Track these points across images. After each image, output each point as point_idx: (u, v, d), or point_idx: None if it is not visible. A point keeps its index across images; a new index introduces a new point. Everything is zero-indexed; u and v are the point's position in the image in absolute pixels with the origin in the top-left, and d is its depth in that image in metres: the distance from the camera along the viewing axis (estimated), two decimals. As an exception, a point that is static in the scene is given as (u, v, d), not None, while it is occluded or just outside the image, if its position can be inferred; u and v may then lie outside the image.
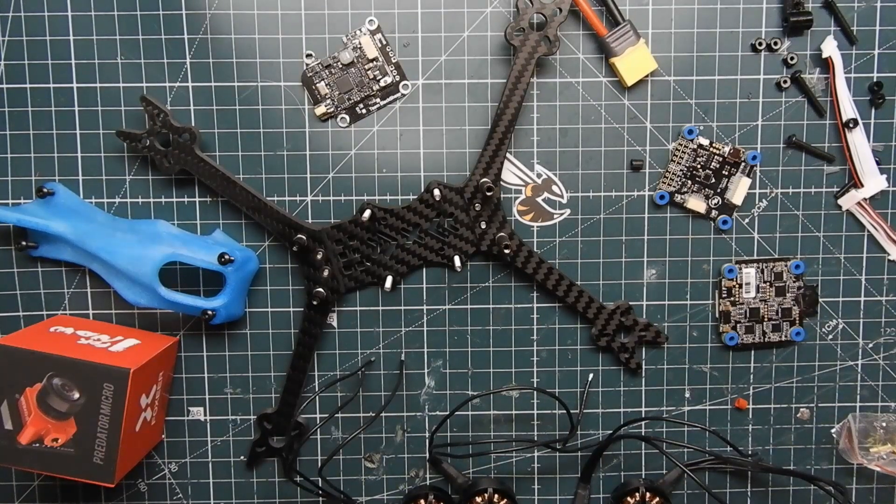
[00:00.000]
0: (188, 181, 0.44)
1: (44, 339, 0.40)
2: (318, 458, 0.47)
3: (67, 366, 0.39)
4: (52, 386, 0.39)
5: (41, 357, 0.39)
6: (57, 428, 0.39)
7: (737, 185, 0.45)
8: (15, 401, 0.39)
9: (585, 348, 0.46)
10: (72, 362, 0.39)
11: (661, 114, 0.44)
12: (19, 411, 0.39)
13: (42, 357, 0.38)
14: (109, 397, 0.39)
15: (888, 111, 0.44)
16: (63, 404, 0.39)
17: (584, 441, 0.47)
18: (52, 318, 0.44)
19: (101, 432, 0.39)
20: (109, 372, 0.39)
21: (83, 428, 0.39)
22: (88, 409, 0.39)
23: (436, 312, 0.46)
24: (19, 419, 0.39)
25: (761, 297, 0.45)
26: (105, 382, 0.39)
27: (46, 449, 0.39)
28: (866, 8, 0.44)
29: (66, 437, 0.39)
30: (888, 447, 0.46)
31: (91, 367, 0.39)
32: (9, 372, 0.38)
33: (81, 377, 0.39)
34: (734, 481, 0.47)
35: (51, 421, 0.39)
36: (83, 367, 0.39)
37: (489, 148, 0.43)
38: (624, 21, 0.43)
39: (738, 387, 0.47)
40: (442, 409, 0.46)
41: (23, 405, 0.39)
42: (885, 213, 0.45)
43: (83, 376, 0.39)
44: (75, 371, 0.39)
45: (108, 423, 0.39)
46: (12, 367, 0.38)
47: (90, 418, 0.39)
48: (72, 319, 0.44)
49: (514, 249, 0.44)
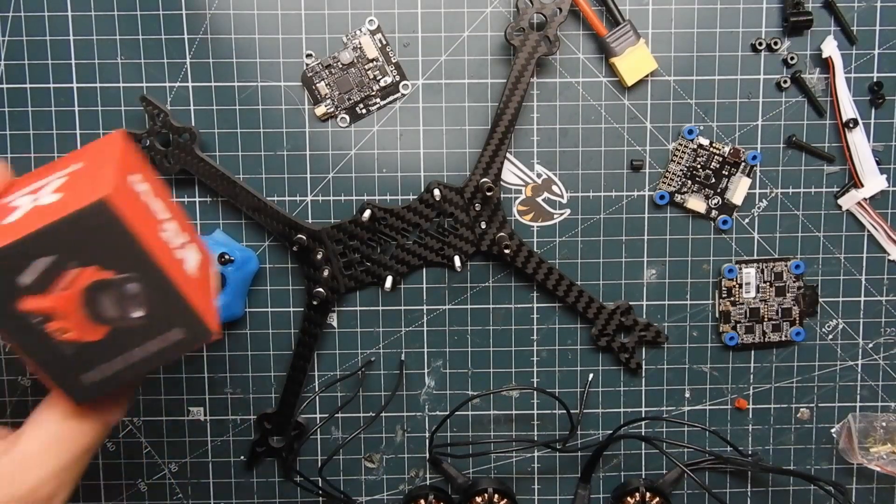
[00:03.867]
0: (188, 181, 0.44)
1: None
2: (318, 458, 0.47)
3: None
4: (125, 291, 0.28)
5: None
6: (83, 326, 0.29)
7: (737, 185, 0.45)
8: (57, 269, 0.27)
9: (585, 348, 0.46)
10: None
11: (661, 114, 0.44)
12: (51, 280, 0.27)
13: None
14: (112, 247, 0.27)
15: (888, 111, 0.44)
16: (117, 312, 0.29)
17: (584, 441, 0.47)
18: None
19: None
20: (85, 218, 0.26)
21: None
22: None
23: (436, 312, 0.46)
24: (43, 286, 0.27)
25: (761, 297, 0.45)
26: (87, 231, 0.27)
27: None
28: (866, 8, 0.44)
29: (78, 335, 0.29)
30: (888, 447, 0.46)
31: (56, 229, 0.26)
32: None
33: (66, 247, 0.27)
34: (734, 481, 0.47)
35: (87, 319, 0.29)
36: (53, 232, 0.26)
37: (489, 148, 0.43)
38: (624, 21, 0.43)
39: (738, 387, 0.47)
40: (442, 409, 0.46)
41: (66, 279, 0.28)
42: (885, 213, 0.45)
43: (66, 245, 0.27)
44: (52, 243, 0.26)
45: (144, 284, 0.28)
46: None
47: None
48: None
49: (514, 249, 0.44)
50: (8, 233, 0.26)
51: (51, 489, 0.30)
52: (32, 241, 0.26)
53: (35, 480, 0.30)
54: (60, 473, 0.30)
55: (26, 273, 0.26)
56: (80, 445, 0.31)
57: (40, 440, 0.30)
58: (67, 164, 0.32)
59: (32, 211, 0.27)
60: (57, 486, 0.30)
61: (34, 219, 0.27)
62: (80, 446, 0.31)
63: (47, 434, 0.30)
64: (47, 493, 0.30)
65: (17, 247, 0.26)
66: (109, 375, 0.29)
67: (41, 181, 0.31)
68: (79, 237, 0.26)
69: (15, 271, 0.26)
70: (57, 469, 0.30)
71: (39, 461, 0.30)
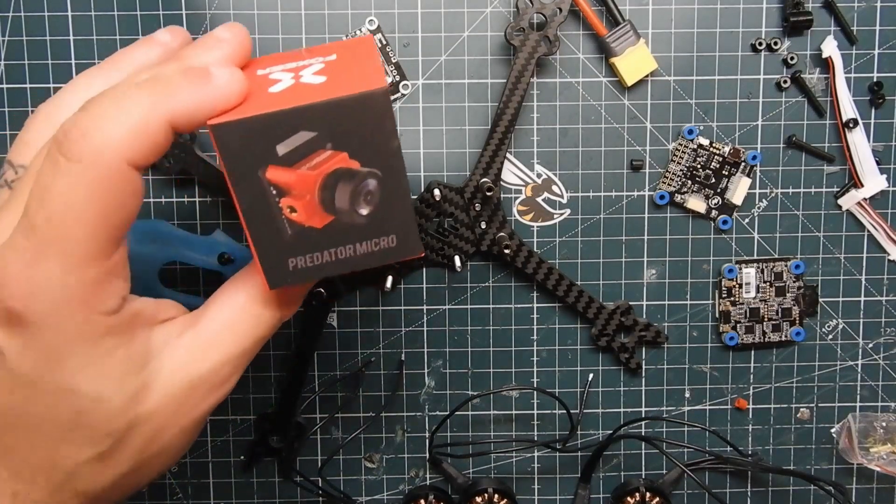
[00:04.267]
0: (188, 181, 0.44)
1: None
2: (318, 458, 0.47)
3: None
4: (363, 186, 0.28)
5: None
6: (311, 210, 0.28)
7: (737, 185, 0.45)
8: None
9: (585, 348, 0.46)
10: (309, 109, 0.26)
11: (661, 114, 0.44)
12: (302, 156, 0.27)
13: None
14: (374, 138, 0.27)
15: (888, 111, 0.44)
16: (348, 204, 0.28)
17: (584, 441, 0.47)
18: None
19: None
20: (359, 104, 0.26)
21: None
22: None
23: (436, 312, 0.46)
24: (292, 161, 0.27)
25: (761, 297, 0.45)
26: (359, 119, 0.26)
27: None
28: (866, 8, 0.44)
29: (303, 218, 0.28)
30: (888, 447, 0.46)
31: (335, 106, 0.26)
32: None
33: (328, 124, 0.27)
34: (734, 481, 0.47)
35: (317, 205, 0.28)
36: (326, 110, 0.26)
37: (489, 148, 0.43)
38: (624, 21, 0.43)
39: (738, 387, 0.47)
40: (442, 409, 0.46)
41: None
42: (885, 213, 0.45)
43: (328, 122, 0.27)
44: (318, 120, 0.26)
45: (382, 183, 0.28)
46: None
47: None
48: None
49: (514, 249, 0.44)
50: (279, 101, 0.27)
51: (226, 373, 0.29)
52: (307, 111, 0.26)
53: (215, 361, 0.29)
54: (236, 359, 0.29)
55: (286, 142, 0.27)
56: (257, 333, 0.30)
57: (223, 320, 0.29)
58: (315, 54, 0.31)
59: (297, 87, 0.28)
60: (231, 372, 0.30)
61: (303, 94, 0.27)
62: (257, 334, 0.30)
63: (231, 315, 0.30)
64: (222, 377, 0.29)
65: (290, 114, 0.26)
66: (312, 266, 0.29)
67: (293, 63, 0.30)
68: (344, 121, 0.27)
69: (277, 138, 0.27)
70: (235, 353, 0.29)
71: (220, 342, 0.29)
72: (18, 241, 0.25)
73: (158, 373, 0.28)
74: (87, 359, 0.26)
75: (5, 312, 0.25)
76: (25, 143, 0.30)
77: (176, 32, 0.32)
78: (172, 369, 0.28)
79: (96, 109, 0.25)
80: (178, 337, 0.29)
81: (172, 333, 0.29)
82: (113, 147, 0.24)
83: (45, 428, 0.26)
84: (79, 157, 0.24)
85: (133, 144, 0.25)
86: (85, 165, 0.24)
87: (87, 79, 0.30)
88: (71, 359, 0.26)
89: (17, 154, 0.30)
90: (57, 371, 0.26)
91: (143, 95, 0.25)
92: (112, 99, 0.25)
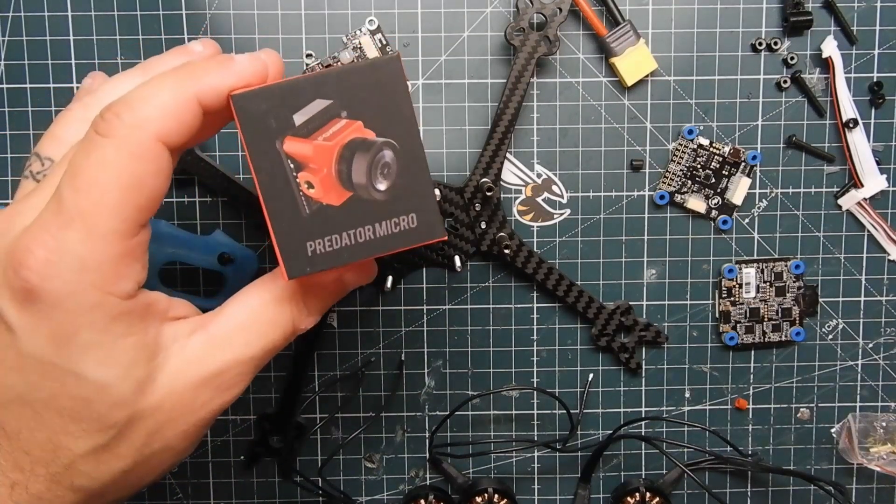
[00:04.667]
0: (188, 181, 0.44)
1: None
2: (318, 458, 0.47)
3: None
4: (379, 158, 0.28)
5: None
6: (329, 185, 0.29)
7: (737, 185, 0.45)
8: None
9: (585, 348, 0.46)
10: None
11: (661, 114, 0.44)
12: (319, 126, 0.28)
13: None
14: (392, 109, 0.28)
15: (888, 111, 0.44)
16: (365, 178, 0.28)
17: (584, 441, 0.47)
18: None
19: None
20: (373, 69, 0.27)
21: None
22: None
23: (436, 312, 0.46)
24: (309, 131, 0.28)
25: (761, 297, 0.45)
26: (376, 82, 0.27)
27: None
28: (866, 8, 0.44)
29: (321, 194, 0.29)
30: (888, 447, 0.46)
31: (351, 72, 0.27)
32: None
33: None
34: (734, 481, 0.47)
35: (335, 179, 0.28)
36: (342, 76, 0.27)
37: (489, 148, 0.43)
38: (624, 21, 0.43)
39: (738, 387, 0.47)
40: (442, 409, 0.46)
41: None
42: (885, 213, 0.45)
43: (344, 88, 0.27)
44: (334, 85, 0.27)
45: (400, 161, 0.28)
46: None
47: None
48: None
49: (514, 249, 0.44)
50: (299, 75, 0.28)
51: (233, 376, 0.29)
52: (320, 79, 0.27)
53: (222, 363, 0.29)
54: (245, 363, 0.29)
55: (302, 111, 0.28)
56: (268, 338, 0.30)
57: (234, 323, 0.30)
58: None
59: (317, 68, 0.30)
60: (238, 376, 0.29)
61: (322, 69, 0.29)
62: (268, 339, 0.30)
63: (244, 318, 0.30)
64: (229, 380, 0.29)
65: (307, 82, 0.27)
66: (332, 251, 0.29)
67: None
68: (359, 87, 0.27)
69: (295, 107, 0.27)
70: (244, 357, 0.29)
71: (230, 344, 0.29)
72: (46, 218, 0.25)
73: (164, 368, 0.28)
74: (96, 341, 0.26)
75: (21, 288, 0.25)
76: (56, 136, 0.31)
77: (208, 45, 0.33)
78: (179, 366, 0.28)
79: (129, 94, 0.26)
80: (187, 336, 0.29)
81: (183, 331, 0.29)
82: (144, 123, 0.25)
83: (47, 415, 0.26)
84: (113, 134, 0.25)
85: (164, 121, 0.26)
86: (118, 141, 0.25)
87: (122, 79, 0.31)
88: (80, 340, 0.26)
89: (45, 147, 0.31)
90: (65, 352, 0.26)
91: (173, 78, 0.27)
92: (144, 84, 0.27)
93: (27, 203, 0.27)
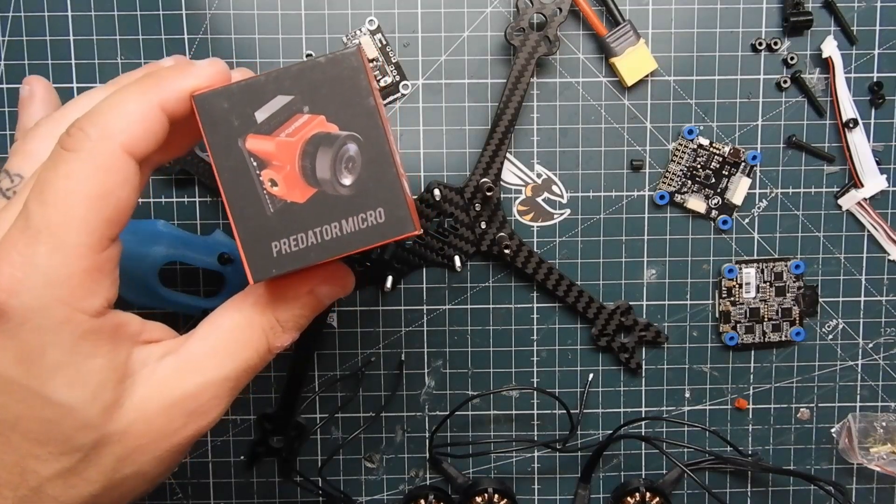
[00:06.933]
0: (188, 181, 0.44)
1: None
2: (318, 458, 0.47)
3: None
4: (343, 151, 0.28)
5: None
6: (293, 182, 0.28)
7: (737, 185, 0.45)
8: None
9: (585, 348, 0.46)
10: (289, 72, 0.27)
11: (661, 114, 0.44)
12: (280, 122, 0.28)
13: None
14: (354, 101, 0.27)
15: (888, 111, 0.44)
16: (329, 173, 0.28)
17: (584, 441, 0.47)
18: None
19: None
20: (333, 63, 0.27)
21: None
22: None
23: (436, 312, 0.46)
24: (271, 128, 0.27)
25: (761, 297, 0.45)
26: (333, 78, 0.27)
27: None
28: (866, 8, 0.44)
29: (285, 192, 0.28)
30: (888, 447, 0.46)
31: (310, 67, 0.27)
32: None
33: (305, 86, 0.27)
34: (734, 481, 0.47)
35: (298, 175, 0.28)
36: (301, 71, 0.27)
37: (489, 148, 0.43)
38: (624, 21, 0.43)
39: (738, 387, 0.47)
40: (442, 409, 0.46)
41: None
42: (885, 213, 0.45)
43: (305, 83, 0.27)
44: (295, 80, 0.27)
45: (368, 151, 0.28)
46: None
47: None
48: None
49: (514, 249, 0.44)
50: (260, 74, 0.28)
51: (206, 400, 0.28)
52: (280, 75, 0.27)
53: (193, 387, 0.28)
54: (217, 386, 0.29)
55: (264, 108, 0.27)
56: (243, 359, 0.29)
57: (206, 345, 0.29)
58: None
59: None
60: (211, 400, 0.29)
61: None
62: (243, 360, 0.29)
63: (215, 339, 0.29)
64: (203, 404, 0.28)
65: (267, 79, 0.27)
66: (297, 251, 0.28)
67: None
68: (319, 81, 0.27)
69: (256, 104, 0.27)
70: (215, 380, 0.28)
71: (201, 367, 0.28)
72: (13, 235, 0.25)
73: (133, 392, 0.27)
74: (64, 362, 0.25)
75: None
76: (24, 153, 0.30)
77: (179, 60, 0.32)
78: (148, 391, 0.27)
79: (94, 108, 0.26)
80: (158, 359, 0.28)
81: (154, 355, 0.28)
82: (109, 135, 0.25)
83: (14, 437, 0.26)
84: (79, 148, 0.25)
85: (129, 131, 0.26)
86: (84, 154, 0.25)
87: (90, 96, 0.31)
88: (47, 360, 0.25)
89: (14, 163, 0.30)
90: (31, 372, 0.25)
91: (135, 88, 0.27)
92: (108, 97, 0.27)
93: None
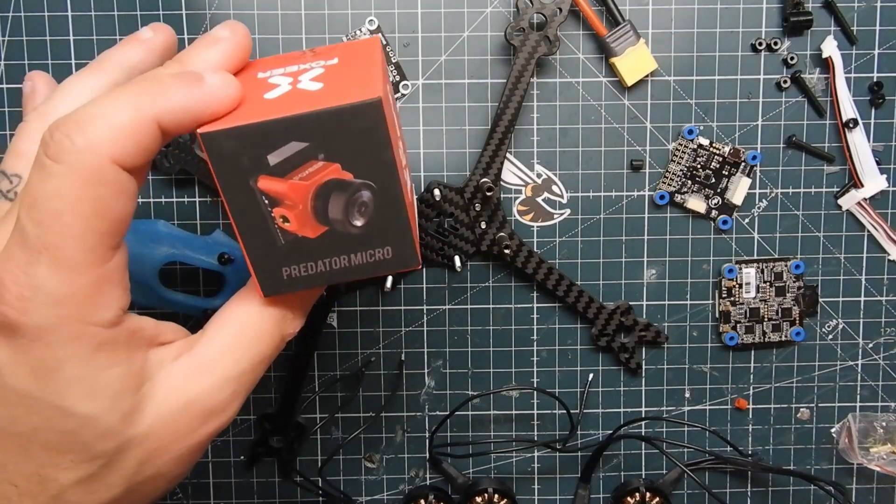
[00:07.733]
0: (188, 181, 0.44)
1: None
2: (318, 458, 0.47)
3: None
4: (357, 197, 0.27)
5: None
6: (304, 221, 0.28)
7: (737, 185, 0.45)
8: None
9: (585, 348, 0.46)
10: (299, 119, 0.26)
11: (661, 114, 0.44)
12: (294, 167, 0.27)
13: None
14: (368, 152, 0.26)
15: (888, 111, 0.44)
16: (342, 215, 0.28)
17: (584, 441, 0.47)
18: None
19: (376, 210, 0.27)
20: (352, 114, 0.26)
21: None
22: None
23: (436, 312, 0.46)
24: (284, 171, 0.27)
25: (761, 297, 0.45)
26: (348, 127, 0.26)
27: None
28: (866, 8, 0.44)
29: (296, 228, 0.28)
30: (888, 447, 0.46)
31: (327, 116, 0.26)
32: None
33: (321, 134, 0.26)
34: (734, 481, 0.47)
35: (310, 215, 0.28)
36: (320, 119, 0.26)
37: (489, 148, 0.43)
38: (624, 21, 0.43)
39: (738, 387, 0.47)
40: (442, 409, 0.46)
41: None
42: (885, 213, 0.45)
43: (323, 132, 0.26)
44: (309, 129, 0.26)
45: (378, 198, 0.27)
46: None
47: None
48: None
49: (514, 249, 0.44)
50: (272, 109, 0.26)
51: (224, 397, 0.28)
52: (297, 122, 0.26)
53: (210, 384, 0.28)
54: (233, 381, 0.28)
55: (277, 152, 0.26)
56: (258, 351, 0.29)
57: (219, 342, 0.29)
58: (318, 57, 0.31)
59: (293, 93, 0.27)
60: (230, 396, 0.28)
61: (298, 101, 0.26)
62: (258, 352, 0.29)
63: (228, 336, 0.29)
64: (221, 402, 0.28)
65: (282, 124, 0.26)
66: (307, 276, 0.28)
67: (294, 66, 0.30)
68: (335, 131, 0.26)
69: (268, 148, 0.26)
70: (231, 376, 0.28)
71: (214, 366, 0.28)
72: (13, 250, 0.24)
73: (151, 396, 0.27)
74: (80, 375, 0.25)
75: (0, 322, 0.24)
76: (19, 152, 0.29)
77: (158, 29, 0.31)
78: (166, 392, 0.27)
79: (81, 111, 0.24)
80: (173, 360, 0.28)
81: (169, 356, 0.28)
82: (96, 146, 0.24)
83: (32, 448, 0.25)
84: (63, 158, 0.23)
85: (118, 143, 0.24)
86: (69, 166, 0.23)
87: (76, 82, 0.30)
88: (63, 374, 0.24)
89: (10, 164, 0.29)
90: (48, 387, 0.25)
91: (130, 95, 0.25)
92: (97, 100, 0.25)
93: (0, 228, 0.26)
